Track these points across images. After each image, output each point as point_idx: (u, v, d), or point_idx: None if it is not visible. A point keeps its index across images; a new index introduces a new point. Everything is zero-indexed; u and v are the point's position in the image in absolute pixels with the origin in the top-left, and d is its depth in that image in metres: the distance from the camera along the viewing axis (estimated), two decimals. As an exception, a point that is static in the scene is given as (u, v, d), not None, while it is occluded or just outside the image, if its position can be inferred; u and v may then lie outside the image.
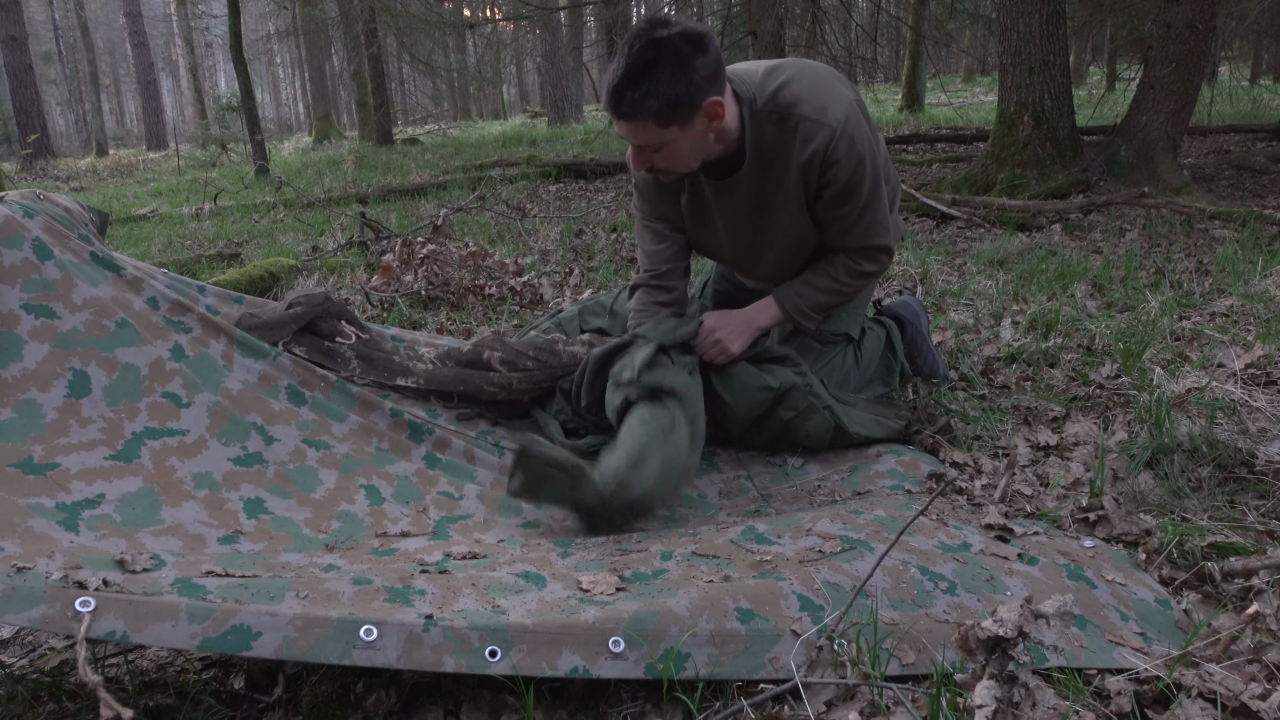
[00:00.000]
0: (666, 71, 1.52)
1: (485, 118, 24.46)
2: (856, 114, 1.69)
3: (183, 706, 1.11)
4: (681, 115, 1.57)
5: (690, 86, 1.54)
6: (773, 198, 1.77)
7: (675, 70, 1.53)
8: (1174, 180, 4.73)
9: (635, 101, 1.54)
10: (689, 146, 1.63)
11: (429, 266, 3.26)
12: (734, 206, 1.81)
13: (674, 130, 1.59)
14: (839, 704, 1.03)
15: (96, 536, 1.23)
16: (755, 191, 1.77)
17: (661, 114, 1.56)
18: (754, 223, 1.83)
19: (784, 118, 1.67)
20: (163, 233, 5.32)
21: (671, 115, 1.56)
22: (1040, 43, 4.95)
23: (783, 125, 1.68)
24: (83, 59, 25.77)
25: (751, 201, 1.78)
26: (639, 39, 1.54)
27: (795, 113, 1.66)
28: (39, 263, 1.45)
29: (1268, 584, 1.22)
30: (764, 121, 1.69)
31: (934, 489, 1.62)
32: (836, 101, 1.67)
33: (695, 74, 1.54)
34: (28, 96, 14.05)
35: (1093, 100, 9.57)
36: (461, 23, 10.80)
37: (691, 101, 1.56)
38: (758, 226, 1.83)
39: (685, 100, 1.55)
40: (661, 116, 1.56)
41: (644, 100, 1.54)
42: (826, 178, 1.69)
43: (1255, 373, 1.98)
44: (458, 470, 1.70)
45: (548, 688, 1.10)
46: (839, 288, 1.86)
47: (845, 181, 1.69)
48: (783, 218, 1.79)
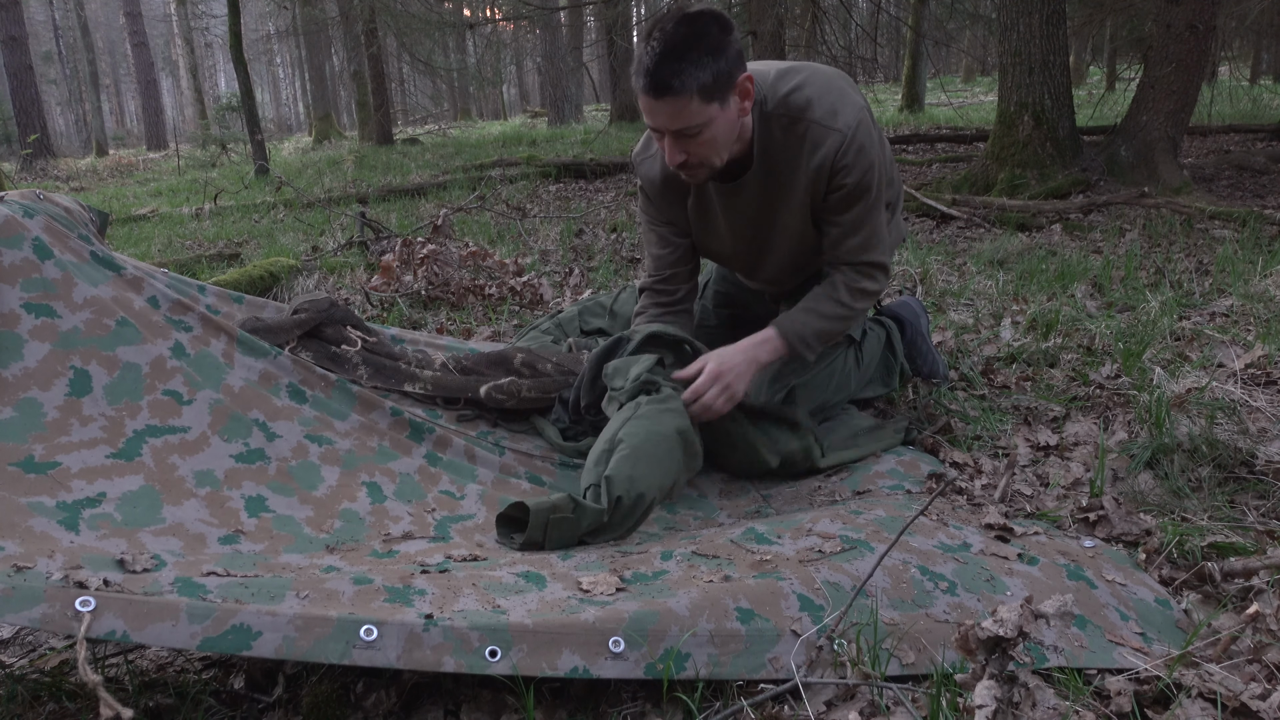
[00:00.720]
0: (708, 44, 1.51)
1: (485, 118, 24.47)
2: (867, 121, 1.68)
3: (183, 706, 1.11)
4: (723, 91, 1.55)
5: (728, 61, 1.54)
6: (779, 202, 1.76)
7: (715, 45, 1.52)
8: (1174, 180, 4.73)
9: (680, 74, 1.50)
10: (726, 129, 1.61)
11: (429, 266, 3.26)
12: (740, 211, 1.79)
13: (714, 108, 1.56)
14: (839, 704, 1.03)
15: (97, 536, 1.23)
16: (762, 195, 1.76)
17: (706, 88, 1.53)
18: (759, 227, 1.81)
19: (795, 121, 1.66)
20: (163, 233, 5.32)
21: (714, 90, 1.54)
22: (1040, 43, 4.95)
23: (792, 129, 1.67)
24: (83, 59, 25.78)
25: (758, 205, 1.77)
26: (670, 19, 1.53)
27: (806, 117, 1.65)
28: (39, 262, 1.45)
29: (1268, 584, 1.22)
30: (774, 125, 1.68)
31: (934, 489, 1.62)
32: (848, 108, 1.66)
33: (730, 49, 1.54)
34: (28, 96, 14.05)
35: (1093, 100, 9.57)
36: (461, 23, 10.80)
37: (730, 76, 1.55)
38: (763, 231, 1.82)
39: (725, 74, 1.54)
40: (706, 91, 1.53)
41: (690, 73, 1.50)
42: (834, 183, 1.68)
43: (1255, 373, 1.98)
44: (459, 469, 1.70)
45: (548, 688, 1.10)
46: (842, 312, 1.78)
47: (852, 188, 1.68)
48: (789, 222, 1.78)
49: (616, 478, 1.47)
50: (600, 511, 1.45)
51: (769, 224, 1.80)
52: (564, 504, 1.43)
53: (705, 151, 1.62)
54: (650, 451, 1.53)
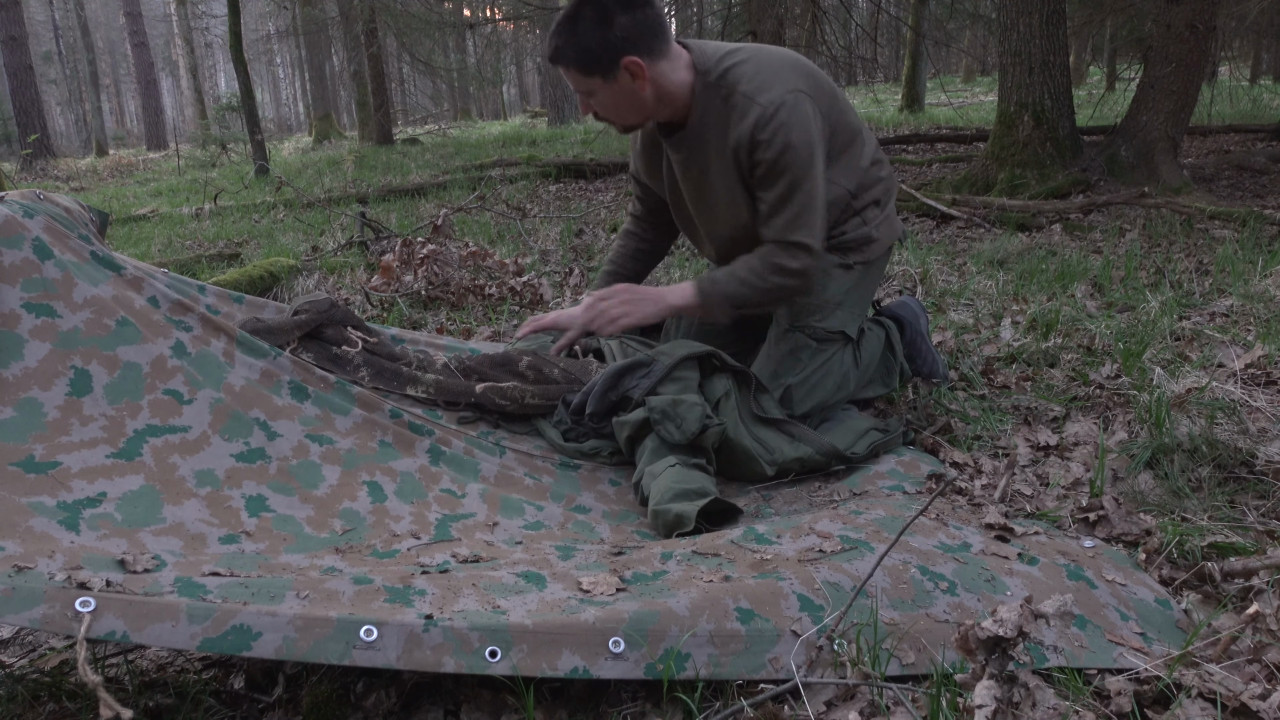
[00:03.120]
0: (585, 24, 1.68)
1: (485, 118, 24.46)
2: (796, 101, 1.73)
3: (183, 706, 1.11)
4: (600, 68, 1.71)
5: (605, 41, 1.69)
6: (712, 169, 1.85)
7: (594, 24, 1.68)
8: (1174, 180, 4.73)
9: (557, 48, 1.73)
10: (614, 99, 1.76)
11: (429, 266, 3.26)
12: (685, 172, 1.91)
13: (596, 81, 1.73)
14: (839, 704, 1.03)
15: (97, 536, 1.23)
16: (700, 161, 1.86)
17: (579, 63, 1.71)
18: (699, 190, 1.91)
19: (730, 93, 1.76)
20: (163, 233, 5.32)
21: (590, 66, 1.71)
22: (1040, 43, 4.95)
23: (728, 100, 1.77)
24: (83, 59, 25.77)
25: (697, 170, 1.88)
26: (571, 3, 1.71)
27: (737, 89, 1.75)
28: (39, 262, 1.45)
29: (1268, 584, 1.22)
30: (711, 95, 1.78)
31: (934, 489, 1.62)
32: (778, 85, 1.73)
33: (614, 30, 1.68)
34: (28, 96, 14.05)
35: (1093, 100, 9.57)
36: (461, 23, 10.80)
37: (607, 55, 1.70)
38: (701, 197, 1.92)
39: (599, 53, 1.69)
40: (582, 66, 1.72)
41: (563, 48, 1.71)
42: (755, 158, 1.76)
43: (1255, 373, 1.98)
44: (461, 466, 1.70)
45: (548, 688, 1.10)
46: (756, 282, 1.80)
47: (770, 164, 1.74)
48: (721, 190, 1.87)
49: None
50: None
51: (706, 190, 1.90)
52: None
53: (605, 113, 1.81)
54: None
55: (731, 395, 1.77)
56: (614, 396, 1.80)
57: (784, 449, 1.75)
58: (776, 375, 1.89)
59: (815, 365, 1.91)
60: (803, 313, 1.91)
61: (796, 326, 1.91)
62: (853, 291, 1.94)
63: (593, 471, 1.81)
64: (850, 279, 1.93)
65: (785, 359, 1.90)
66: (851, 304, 1.95)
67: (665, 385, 1.75)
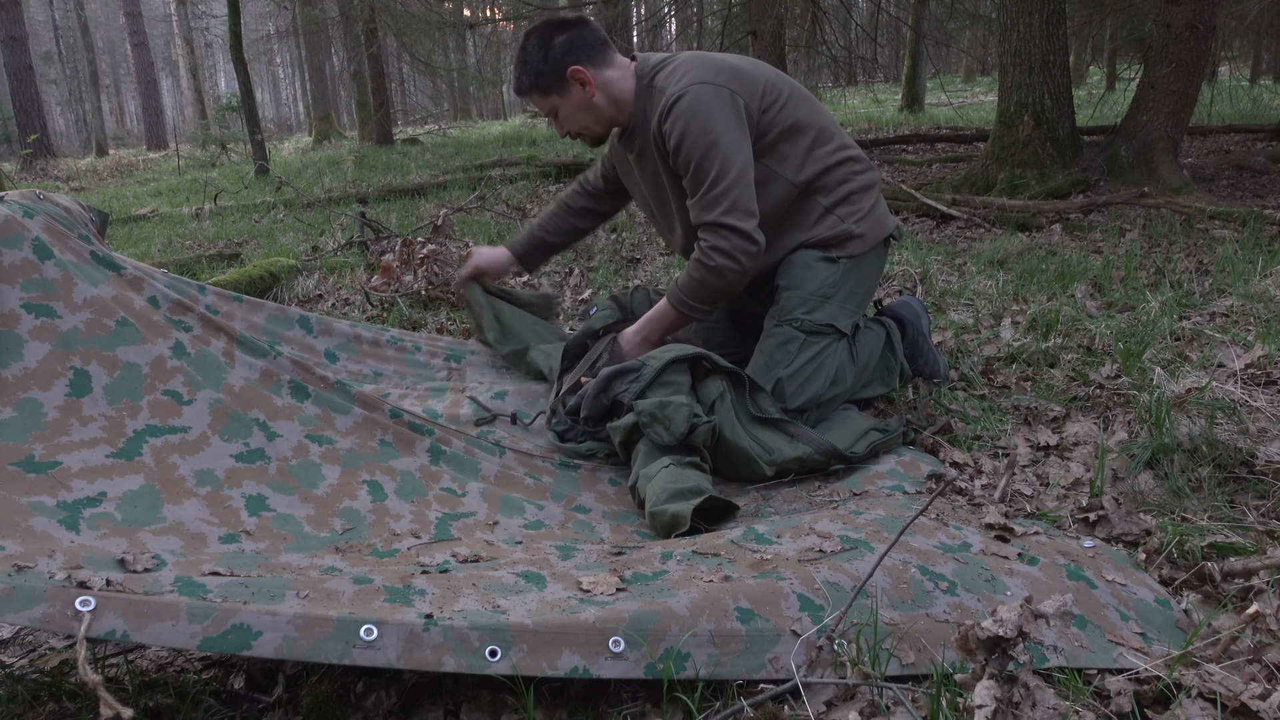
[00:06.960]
0: (531, 51, 1.92)
1: (485, 118, 24.46)
2: (698, 92, 1.82)
3: (183, 706, 1.11)
4: (554, 85, 1.93)
5: (549, 60, 1.90)
6: (652, 164, 1.99)
7: (537, 49, 1.91)
8: (1174, 180, 4.73)
9: (517, 79, 1.97)
10: (575, 108, 1.95)
11: (429, 266, 3.26)
12: (643, 173, 2.05)
13: (555, 99, 1.95)
14: (839, 704, 1.03)
15: (97, 535, 1.23)
16: (644, 159, 2.01)
17: (537, 86, 1.94)
18: (655, 189, 2.05)
19: (653, 94, 1.92)
20: (163, 233, 5.32)
21: (545, 85, 1.93)
22: (1040, 43, 4.94)
23: (651, 100, 1.93)
24: (83, 59, 25.77)
25: (648, 168, 2.02)
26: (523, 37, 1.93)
27: (655, 88, 1.92)
28: (39, 262, 1.45)
29: (1268, 584, 1.22)
30: (644, 96, 1.95)
31: (934, 489, 1.62)
32: (686, 79, 1.85)
33: (553, 49, 1.90)
34: (28, 96, 14.04)
35: (1093, 100, 9.57)
36: (461, 23, 10.80)
37: (554, 72, 1.91)
38: (655, 193, 2.06)
39: (546, 71, 1.91)
40: (538, 87, 1.94)
41: (521, 77, 1.95)
42: (666, 147, 1.88)
43: (1255, 373, 1.98)
44: (461, 465, 1.70)
45: (548, 688, 1.10)
46: (698, 271, 1.88)
47: (675, 150, 1.85)
48: (660, 183, 2.01)
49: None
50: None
51: (658, 184, 2.03)
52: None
53: (572, 124, 1.99)
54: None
55: (726, 397, 1.77)
56: (605, 400, 1.80)
57: (783, 449, 1.75)
58: (768, 368, 1.90)
59: (806, 358, 1.90)
60: (789, 305, 1.93)
61: (784, 319, 1.93)
62: (840, 285, 1.94)
63: (593, 471, 1.82)
64: (835, 272, 1.94)
65: (775, 351, 1.92)
66: (841, 298, 1.95)
67: (654, 390, 1.75)
